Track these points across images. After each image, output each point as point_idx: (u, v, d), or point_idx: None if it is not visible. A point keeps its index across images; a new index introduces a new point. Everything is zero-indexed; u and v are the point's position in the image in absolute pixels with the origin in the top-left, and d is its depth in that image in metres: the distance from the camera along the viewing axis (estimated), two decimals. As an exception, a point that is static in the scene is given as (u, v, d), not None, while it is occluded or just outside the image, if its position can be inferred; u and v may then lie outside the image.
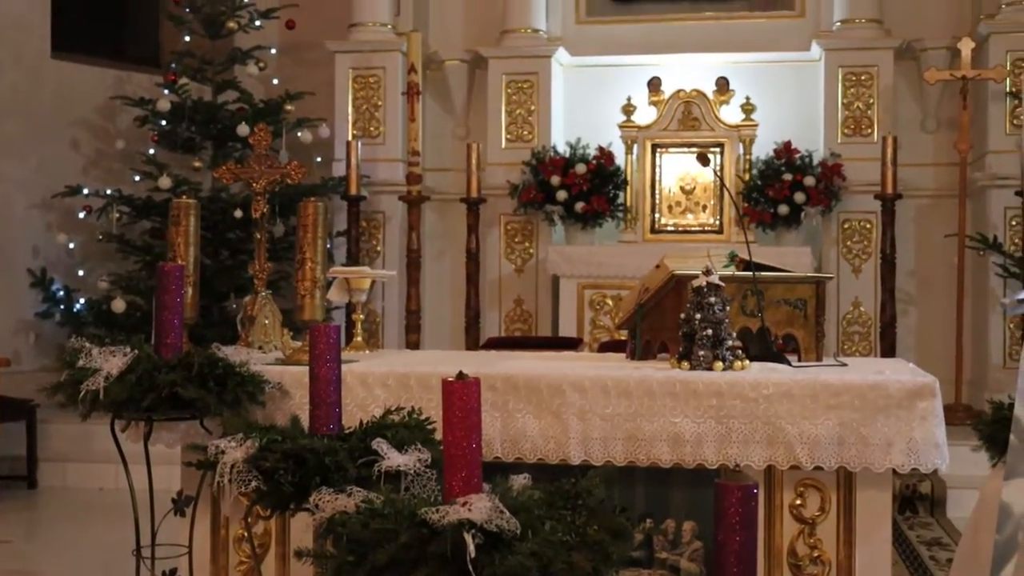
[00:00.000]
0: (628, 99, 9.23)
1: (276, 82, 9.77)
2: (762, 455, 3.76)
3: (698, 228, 9.18)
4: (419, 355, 5.60)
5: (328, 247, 4.85)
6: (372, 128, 9.51)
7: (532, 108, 9.47)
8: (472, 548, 2.54)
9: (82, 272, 9.55)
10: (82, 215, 9.34)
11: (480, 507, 2.65)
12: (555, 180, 9.04)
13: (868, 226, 8.98)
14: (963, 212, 8.51)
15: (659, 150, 9.23)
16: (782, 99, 9.37)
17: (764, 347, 4.28)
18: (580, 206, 9.05)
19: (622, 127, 9.23)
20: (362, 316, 5.00)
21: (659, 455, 3.81)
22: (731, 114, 9.15)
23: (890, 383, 3.76)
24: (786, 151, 8.97)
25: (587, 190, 9.05)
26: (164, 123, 9.34)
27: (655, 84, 9.27)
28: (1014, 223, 8.51)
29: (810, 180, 8.79)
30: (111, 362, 3.73)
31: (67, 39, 9.73)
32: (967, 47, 8.57)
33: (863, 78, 9.07)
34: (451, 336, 9.52)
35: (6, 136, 9.30)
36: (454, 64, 9.76)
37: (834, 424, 3.73)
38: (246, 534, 4.04)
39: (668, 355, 4.27)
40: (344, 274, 4.77)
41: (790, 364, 4.19)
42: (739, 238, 8.56)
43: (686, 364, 4.02)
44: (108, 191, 9.26)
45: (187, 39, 9.59)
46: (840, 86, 9.08)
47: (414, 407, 3.61)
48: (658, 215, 9.22)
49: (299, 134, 9.32)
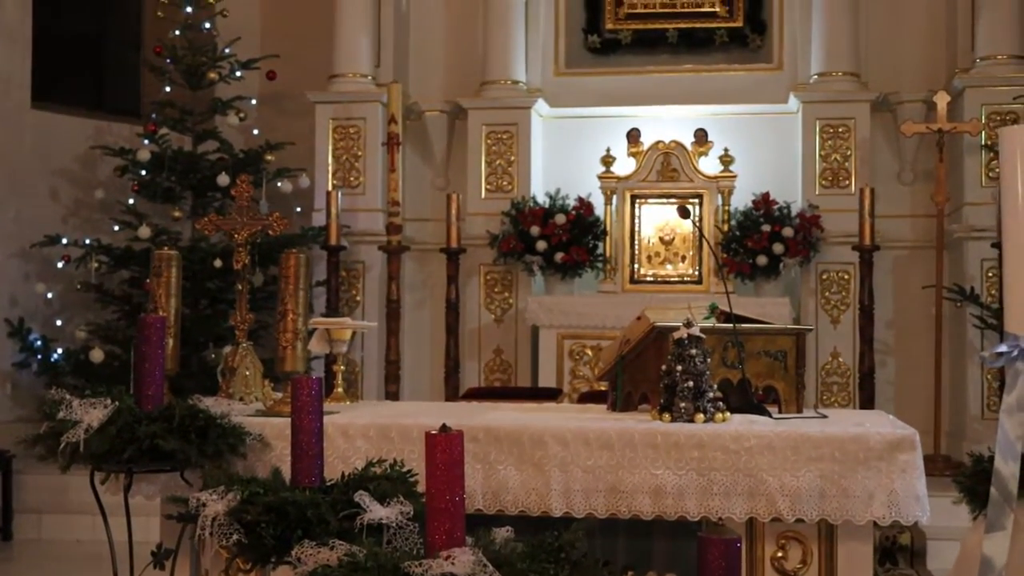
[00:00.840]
0: (607, 150, 9.28)
1: (256, 132, 9.78)
2: (743, 507, 3.77)
3: (677, 279, 9.21)
4: (400, 406, 5.59)
5: (309, 295, 4.85)
6: (352, 178, 9.53)
7: (512, 159, 9.52)
8: (455, 602, 2.53)
9: (60, 322, 9.50)
10: (61, 265, 9.32)
11: (463, 561, 2.64)
12: (535, 230, 9.07)
13: (846, 277, 9.03)
14: (940, 263, 8.57)
15: (638, 201, 9.27)
16: (760, 151, 9.44)
17: (745, 399, 4.29)
18: (560, 256, 9.07)
19: (601, 178, 9.27)
20: (343, 367, 5.00)
21: (641, 507, 3.81)
22: (710, 165, 9.21)
23: (870, 435, 3.77)
24: (764, 202, 9.03)
25: (566, 240, 9.08)
26: (144, 173, 9.34)
27: (634, 135, 9.33)
28: (991, 275, 8.56)
29: (788, 231, 8.84)
30: (91, 414, 3.72)
31: (47, 89, 9.74)
32: (943, 100, 8.66)
33: (840, 130, 9.15)
34: (430, 386, 9.51)
35: (-15, 186, 9.29)
36: (434, 115, 9.81)
37: (815, 476, 3.74)
38: (226, 587, 4.01)
39: (649, 407, 4.28)
40: (325, 325, 4.77)
41: (771, 416, 4.20)
42: (718, 288, 8.61)
43: (667, 416, 4.03)
44: (87, 241, 9.24)
45: (167, 89, 9.60)
46: (818, 138, 9.15)
47: (396, 459, 3.61)
48: (637, 265, 9.25)
49: (279, 184, 9.33)
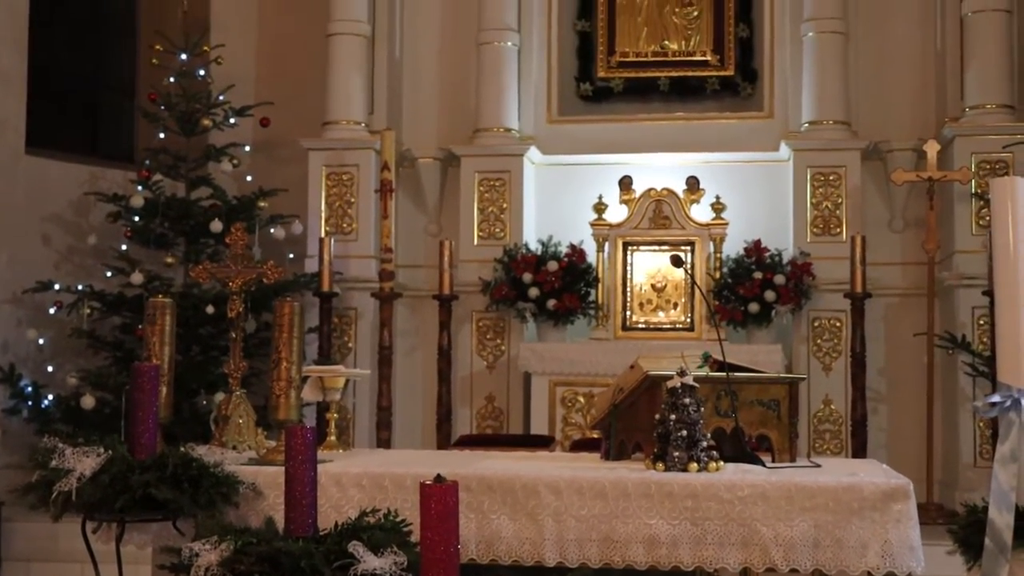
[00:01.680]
0: (599, 197, 9.31)
1: (250, 179, 9.81)
2: (737, 557, 3.76)
3: (669, 326, 9.22)
4: (393, 455, 5.58)
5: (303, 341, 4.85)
6: (345, 225, 9.55)
7: (504, 206, 9.55)
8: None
9: (51, 368, 9.47)
10: (53, 311, 9.30)
11: (458, 613, 2.64)
12: (527, 277, 9.09)
13: (838, 324, 9.04)
14: (932, 311, 8.59)
15: (630, 248, 9.30)
16: (752, 198, 9.48)
17: (738, 448, 4.30)
18: (552, 303, 9.08)
19: (593, 225, 9.30)
20: (336, 415, 4.99)
21: (634, 557, 3.80)
22: (701, 213, 9.24)
23: (864, 485, 3.78)
24: (756, 250, 9.06)
25: (559, 287, 9.10)
26: (137, 219, 9.34)
27: (626, 183, 9.36)
28: (982, 322, 8.57)
29: (780, 278, 8.86)
30: (84, 463, 3.71)
31: (42, 135, 9.76)
32: (933, 149, 8.71)
33: (831, 178, 9.19)
34: (422, 433, 9.48)
35: (-23, 231, 9.29)
36: (427, 162, 9.84)
37: (809, 526, 3.74)
38: (217, 638, 3.98)
39: (643, 456, 4.28)
40: (318, 373, 4.77)
41: (764, 465, 4.21)
42: (710, 336, 8.61)
43: (661, 465, 4.03)
44: (79, 287, 9.22)
45: (161, 136, 9.62)
46: (809, 186, 9.20)
47: (389, 509, 3.60)
48: (629, 313, 9.26)
49: (272, 230, 9.34)
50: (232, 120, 9.72)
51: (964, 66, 9.01)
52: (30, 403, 9.07)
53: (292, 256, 9.62)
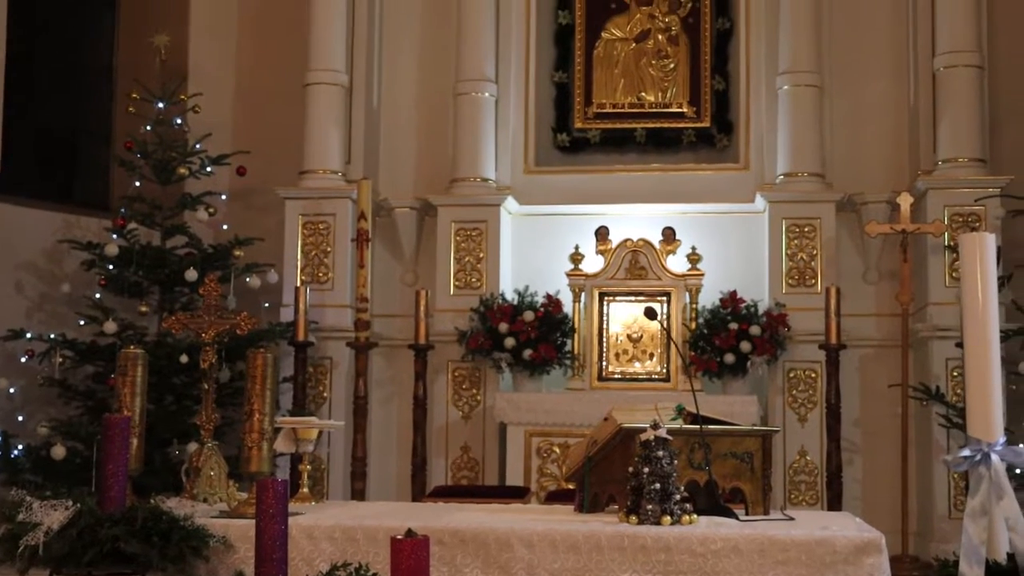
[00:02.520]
0: (576, 247, 9.34)
1: (226, 227, 9.80)
2: (711, 612, 3.74)
3: (645, 376, 9.22)
4: (366, 507, 5.55)
5: (276, 392, 4.83)
6: (321, 274, 9.54)
7: (481, 255, 9.56)
8: None
9: (22, 417, 9.39)
10: (24, 359, 9.23)
11: (427, 670, 2.61)
12: (503, 327, 9.08)
13: (813, 375, 9.06)
14: (906, 363, 8.62)
15: (607, 298, 9.31)
16: (728, 249, 9.52)
17: (712, 501, 4.29)
18: (528, 353, 9.07)
19: (570, 275, 9.32)
20: (309, 467, 4.96)
21: (608, 612, 3.78)
22: (677, 264, 9.26)
23: (837, 539, 3.77)
24: (732, 300, 9.08)
25: (535, 337, 9.09)
26: (111, 267, 9.31)
27: (603, 233, 9.39)
28: (956, 374, 8.60)
29: (756, 329, 8.88)
30: (52, 516, 3.68)
31: (17, 181, 9.73)
32: (906, 202, 8.77)
33: (806, 230, 9.24)
34: (397, 484, 9.43)
35: (-51, 279, 9.24)
36: (404, 211, 9.85)
37: (783, 580, 3.72)
38: None
39: (616, 508, 4.26)
40: (292, 425, 4.74)
41: (737, 518, 4.20)
42: (686, 387, 8.61)
43: (634, 518, 4.02)
44: (52, 335, 9.16)
45: (137, 184, 9.60)
46: (784, 237, 9.24)
47: (361, 563, 3.57)
48: (605, 363, 9.26)
49: (247, 279, 9.32)
50: (208, 168, 9.72)
51: (936, 120, 9.10)
52: (0, 453, 8.99)
53: (267, 305, 9.60)
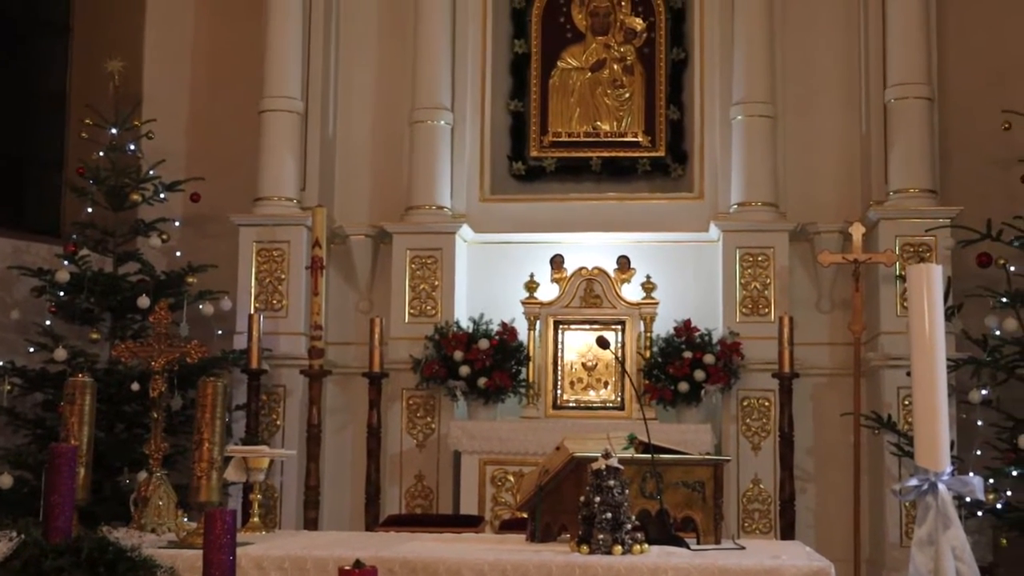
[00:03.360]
0: (531, 276, 9.35)
1: (179, 254, 9.72)
2: (662, 642, 3.74)
3: (600, 404, 9.23)
4: (317, 536, 5.51)
5: (227, 421, 4.80)
6: (275, 301, 9.49)
7: (436, 283, 9.54)
8: None
9: (-31, 445, 9.27)
10: (-29, 387, 9.12)
11: None
12: (458, 355, 9.07)
13: (766, 404, 9.10)
14: (858, 391, 8.67)
15: (561, 327, 9.32)
16: (682, 278, 9.56)
17: (663, 530, 4.29)
18: (483, 381, 9.06)
19: (525, 303, 9.32)
20: (259, 495, 4.93)
21: (558, 642, 3.76)
22: (632, 292, 9.29)
23: (786, 568, 3.78)
24: (686, 329, 9.11)
25: (490, 366, 9.08)
26: (62, 294, 9.21)
27: (558, 261, 9.42)
28: (907, 403, 8.65)
29: (710, 358, 8.91)
30: (-5, 547, 3.62)
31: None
32: (858, 232, 8.84)
33: (760, 259, 9.29)
34: (351, 512, 9.37)
35: (-103, 305, 9.12)
36: (359, 239, 9.82)
37: (733, 611, 3.72)
38: None
39: (568, 537, 4.26)
40: (242, 454, 4.71)
41: (689, 547, 4.20)
42: (641, 414, 8.62)
43: (586, 548, 4.01)
44: (0, 363, 9.06)
45: (89, 210, 9.52)
46: (738, 266, 9.29)
47: (310, 594, 3.55)
48: (560, 391, 9.26)
49: (200, 306, 9.25)
50: (162, 195, 9.66)
51: (888, 151, 9.20)
52: (-54, 481, 8.86)
53: (221, 332, 9.53)
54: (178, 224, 9.88)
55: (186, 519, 4.52)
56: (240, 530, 4.18)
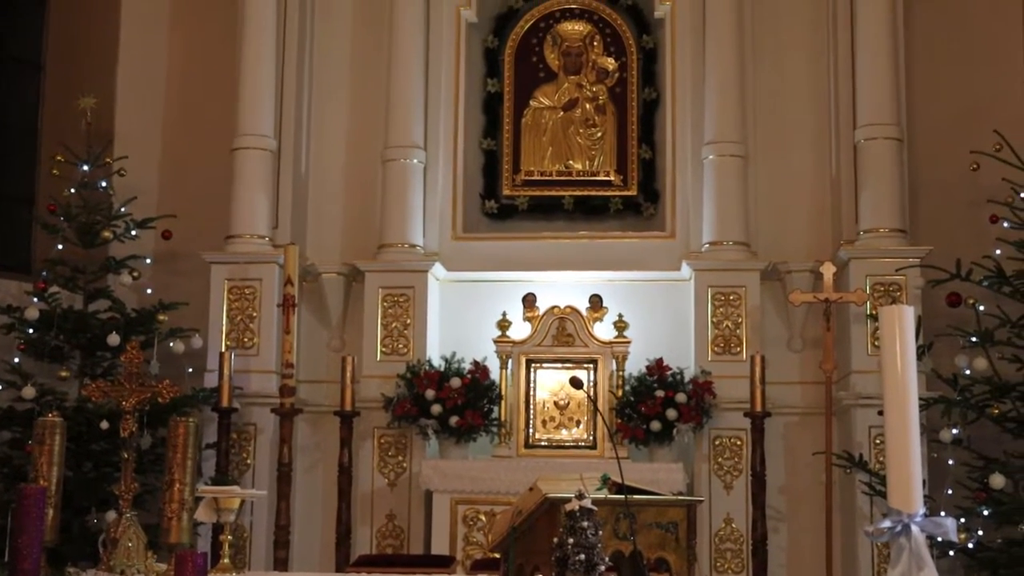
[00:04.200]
0: (503, 314, 9.35)
1: (150, 291, 9.68)
2: None
3: (572, 443, 9.21)
4: (287, 577, 5.47)
5: (198, 460, 4.77)
6: (246, 339, 9.44)
7: (408, 321, 9.53)
8: None
9: (-65, 484, 9.16)
10: (-61, 425, 9.02)
11: None
12: (430, 394, 9.05)
13: (738, 443, 9.10)
14: (829, 430, 8.68)
15: (533, 365, 9.32)
16: (654, 317, 9.57)
17: (637, 572, 4.28)
18: (454, 420, 9.04)
19: (497, 342, 9.31)
20: (230, 536, 4.89)
21: None
22: (604, 331, 9.30)
23: (762, 610, 3.77)
24: (658, 368, 9.12)
25: (461, 404, 9.06)
26: (31, 331, 9.14)
27: (530, 300, 9.42)
28: (879, 442, 8.67)
29: (682, 397, 8.92)
30: (-38, 589, 3.58)
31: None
32: (829, 271, 8.88)
33: (731, 298, 9.32)
34: (321, 552, 9.30)
35: None
36: (331, 277, 9.80)
37: (707, 653, 3.72)
38: None
39: (541, 579, 4.24)
40: (213, 494, 4.67)
41: (663, 589, 4.18)
42: (613, 454, 8.61)
43: (559, 590, 3.99)
44: (-32, 400, 8.98)
45: (60, 247, 9.47)
46: (709, 305, 9.31)
47: (281, 637, 3.52)
48: (532, 430, 9.25)
49: (171, 344, 9.20)
50: (133, 232, 9.62)
51: (858, 191, 9.26)
52: (-88, 521, 8.75)
53: (191, 370, 9.46)
54: (149, 261, 9.83)
55: (156, 560, 4.47)
56: (210, 571, 4.14)
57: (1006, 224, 8.51)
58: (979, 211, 8.88)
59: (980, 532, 8.00)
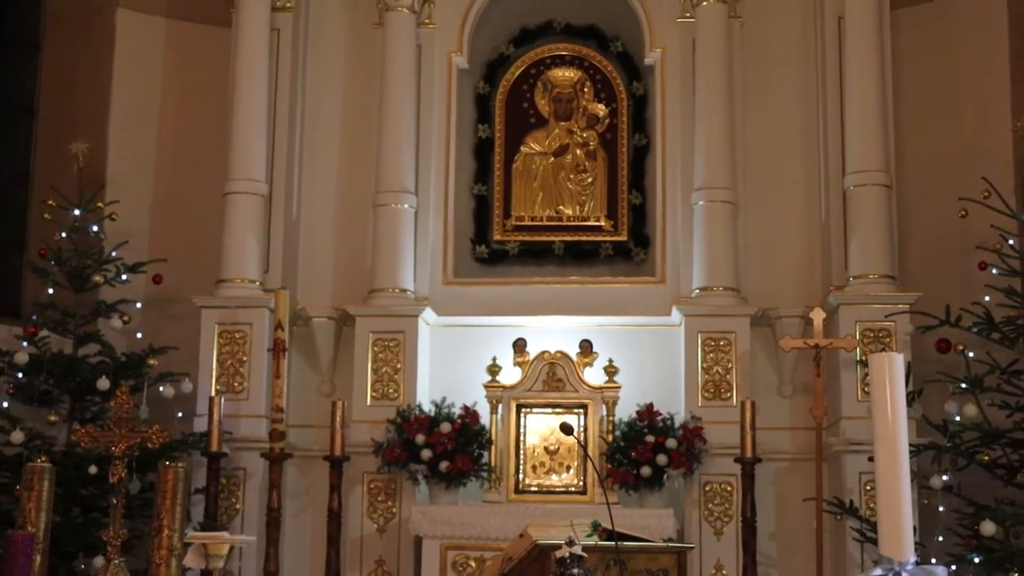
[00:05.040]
0: (494, 359, 9.35)
1: (140, 336, 9.67)
2: None
3: (562, 489, 9.19)
4: (276, 624, 5.44)
5: (187, 506, 4.75)
6: (236, 383, 9.42)
7: (398, 366, 9.52)
8: None
9: (-77, 528, 9.10)
10: (-73, 468, 8.98)
11: None
12: (420, 439, 9.03)
13: (729, 489, 9.08)
14: (820, 476, 8.67)
15: (524, 410, 9.31)
16: (644, 362, 9.58)
17: (628, 619, 4.26)
18: (444, 465, 9.01)
19: (487, 387, 9.31)
20: (218, 583, 4.86)
21: None
22: (594, 376, 9.31)
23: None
24: (648, 413, 9.11)
25: (452, 449, 9.04)
26: (20, 375, 9.12)
27: (520, 345, 9.43)
28: (869, 488, 8.66)
29: (672, 442, 8.91)
30: (-52, 637, 3.56)
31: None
32: (819, 317, 8.89)
33: (721, 343, 9.33)
34: (310, 598, 9.26)
35: None
36: (321, 321, 9.80)
37: None
38: None
39: (531, 627, 4.22)
40: (202, 540, 4.65)
41: (653, 637, 4.17)
42: (603, 500, 8.59)
43: (549, 638, 3.97)
44: (-45, 445, 8.94)
45: (51, 291, 9.46)
46: (700, 351, 9.32)
47: None
48: (522, 475, 9.22)
49: (161, 388, 9.18)
50: (124, 276, 9.62)
51: (848, 237, 9.29)
52: (-102, 566, 8.69)
53: (181, 415, 9.43)
54: (140, 305, 9.82)
55: (144, 607, 4.45)
56: (199, 619, 4.12)
57: (995, 271, 8.55)
58: (968, 257, 8.93)
59: (971, 579, 7.99)
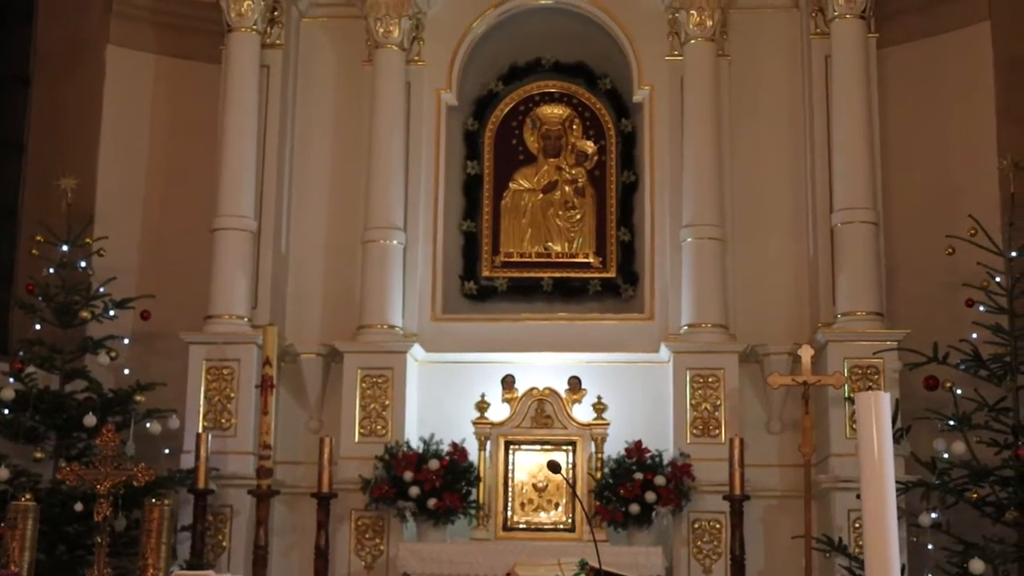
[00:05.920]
0: (482, 396, 9.34)
1: (127, 372, 9.62)
2: None
3: (551, 526, 9.16)
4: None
5: (173, 543, 4.73)
6: (224, 420, 9.39)
7: (386, 403, 9.50)
8: None
9: (-94, 566, 9.03)
10: (-88, 505, 8.91)
11: None
12: (408, 476, 9.00)
13: (718, 526, 9.06)
14: (809, 514, 8.63)
15: (512, 447, 9.29)
16: (633, 399, 9.57)
17: (615, 659, 4.24)
18: (432, 502, 8.98)
19: (476, 423, 9.29)
20: (204, 622, 4.83)
21: None
22: (583, 413, 9.30)
23: None
24: (637, 450, 9.10)
25: (440, 486, 9.01)
26: (6, 412, 9.07)
27: (509, 382, 9.42)
28: (858, 525, 8.64)
29: (660, 479, 8.89)
30: (-70, 678, 3.53)
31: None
32: (807, 354, 8.87)
33: (710, 380, 9.33)
34: (296, 638, 9.20)
35: None
36: (310, 357, 9.78)
37: None
38: None
39: (519, 667, 4.20)
40: (187, 579, 4.63)
41: (641, 677, 4.15)
42: (592, 536, 8.56)
43: (537, 677, 3.95)
44: (-59, 481, 8.88)
45: (38, 327, 9.43)
46: (688, 388, 9.32)
47: None
48: (511, 512, 9.19)
49: (148, 425, 9.13)
50: (112, 312, 9.59)
51: (835, 274, 9.33)
52: None
53: (168, 451, 9.38)
54: (127, 342, 9.78)
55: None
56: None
57: (982, 308, 8.58)
58: (955, 294, 8.95)
59: (960, 618, 7.97)
